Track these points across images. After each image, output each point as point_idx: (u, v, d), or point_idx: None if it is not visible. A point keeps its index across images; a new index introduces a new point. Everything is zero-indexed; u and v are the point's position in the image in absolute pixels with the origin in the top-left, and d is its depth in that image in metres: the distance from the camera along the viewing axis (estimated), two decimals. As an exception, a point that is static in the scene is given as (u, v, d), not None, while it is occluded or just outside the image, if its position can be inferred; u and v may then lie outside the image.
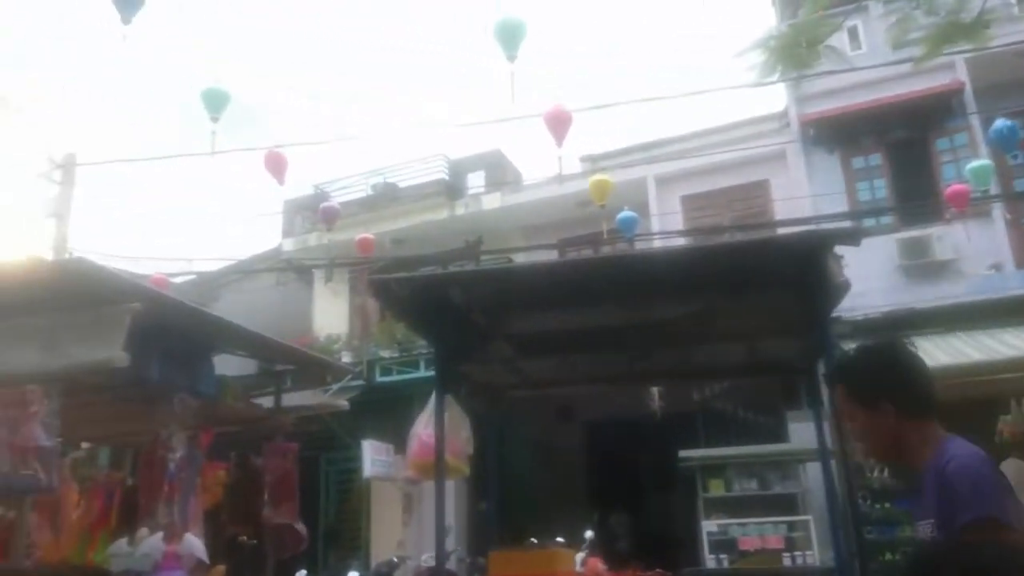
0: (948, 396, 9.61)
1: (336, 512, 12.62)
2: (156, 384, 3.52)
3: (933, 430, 2.14)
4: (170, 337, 3.69)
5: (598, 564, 6.44)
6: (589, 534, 7.70)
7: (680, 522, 11.55)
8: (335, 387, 9.42)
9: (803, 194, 10.39)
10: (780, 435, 9.36)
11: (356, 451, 10.68)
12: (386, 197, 14.32)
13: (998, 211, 10.07)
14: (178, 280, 11.37)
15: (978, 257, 9.75)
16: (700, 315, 3.66)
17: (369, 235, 11.55)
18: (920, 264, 9.99)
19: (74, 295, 3.22)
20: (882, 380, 2.16)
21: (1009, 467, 9.40)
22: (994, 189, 9.77)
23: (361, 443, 10.46)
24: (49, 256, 8.09)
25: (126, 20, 3.62)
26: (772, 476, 8.89)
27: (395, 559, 9.77)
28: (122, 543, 3.57)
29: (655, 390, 8.03)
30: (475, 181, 13.71)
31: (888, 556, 8.21)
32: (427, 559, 7.90)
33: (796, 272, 3.16)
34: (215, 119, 5.18)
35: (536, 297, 3.64)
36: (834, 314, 3.61)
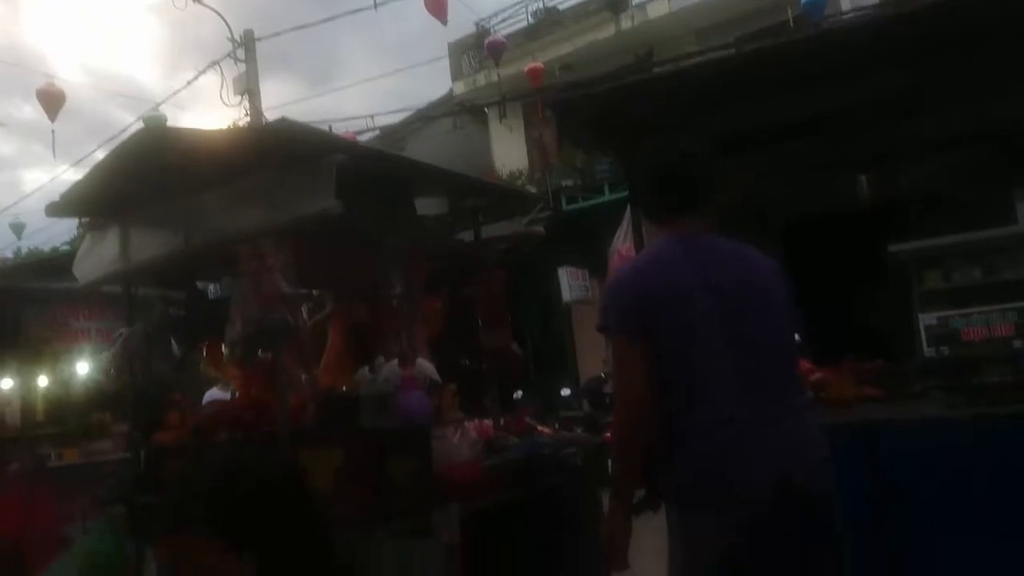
0: None
1: (541, 337, 13.31)
2: (368, 229, 3.78)
3: (666, 230, 2.20)
4: (374, 184, 3.89)
5: (805, 364, 6.36)
6: (795, 336, 7.60)
7: (892, 318, 11.08)
8: (525, 220, 9.67)
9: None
10: (1005, 217, 8.50)
11: (553, 278, 11.03)
12: (548, 23, 13.84)
13: None
14: (364, 137, 11.89)
15: None
16: (916, 85, 3.29)
17: (537, 64, 11.32)
18: None
19: (283, 154, 3.45)
20: (638, 194, 2.40)
21: None
22: None
23: (557, 271, 10.76)
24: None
25: None
26: (998, 262, 8.18)
27: (603, 375, 10.25)
28: (364, 372, 4.00)
29: (862, 177, 7.45)
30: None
31: None
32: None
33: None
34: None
35: (725, 94, 3.43)
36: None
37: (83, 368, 6.14)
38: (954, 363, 4.03)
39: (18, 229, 14.67)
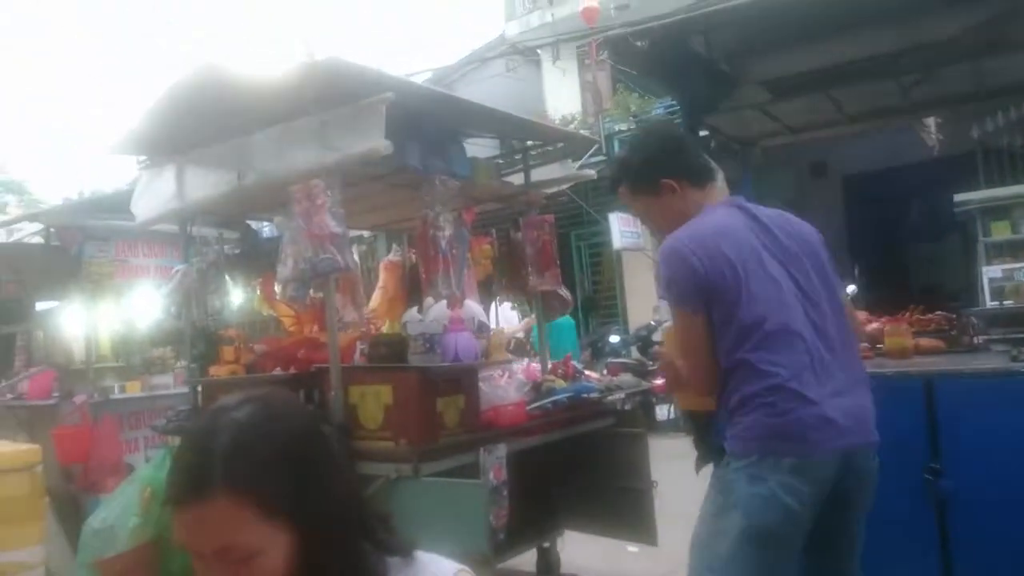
0: None
1: (591, 284, 13.26)
2: (418, 169, 3.75)
3: (705, 196, 2.23)
4: (424, 124, 3.85)
5: (861, 315, 6.24)
6: (852, 288, 7.43)
7: (958, 270, 10.75)
8: (577, 164, 9.54)
9: None
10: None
11: (604, 225, 10.94)
12: (605, -40, 13.41)
13: None
14: (416, 79, 11.80)
15: None
16: (987, 25, 3.11)
17: (593, 3, 11.03)
18: None
19: (333, 93, 3.43)
20: (661, 161, 2.24)
21: None
22: None
23: (608, 217, 10.66)
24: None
25: None
26: (1069, 213, 7.84)
27: (653, 322, 10.19)
28: (413, 312, 4.02)
29: (931, 123, 7.15)
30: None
31: None
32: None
33: None
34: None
35: (788, 31, 3.29)
36: None
37: (144, 304, 6.33)
38: (1018, 315, 3.87)
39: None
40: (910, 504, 2.21)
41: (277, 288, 3.78)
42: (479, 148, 4.79)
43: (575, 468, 4.09)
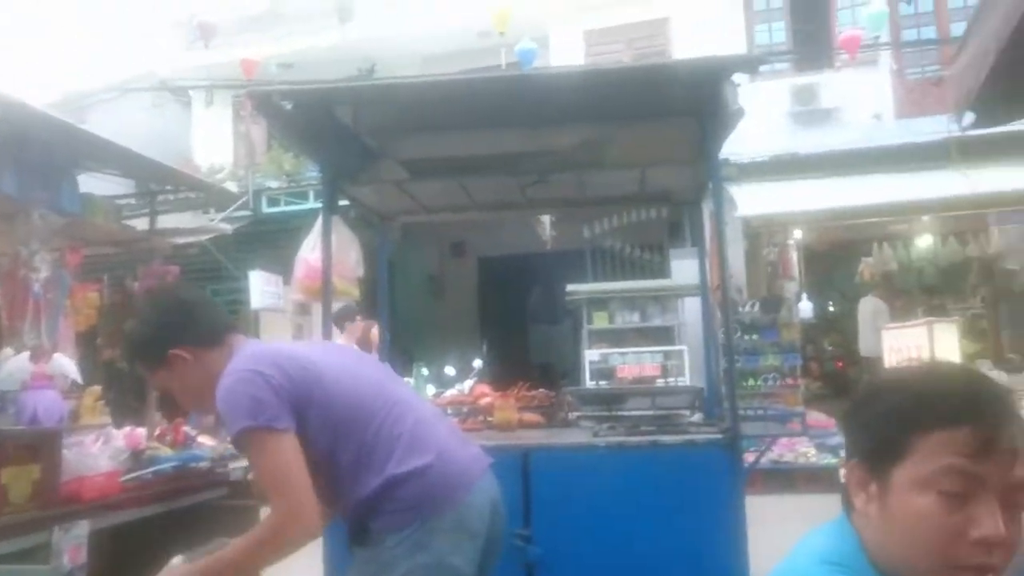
0: (822, 238, 10.27)
1: (225, 343, 12.50)
2: (13, 198, 3.25)
3: (226, 350, 2.04)
4: (29, 149, 3.37)
5: (484, 389, 6.73)
6: (477, 363, 7.99)
7: (567, 353, 12.12)
8: (219, 216, 9.06)
9: (704, 36, 10.29)
10: (663, 271, 9.77)
11: (244, 283, 10.48)
12: (272, 16, 13.28)
13: (885, 60, 10.33)
14: (41, 102, 10.40)
15: (861, 105, 10.08)
16: (594, 142, 3.62)
17: (255, 56, 10.80)
18: (808, 111, 10.25)
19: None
20: (166, 332, 2.03)
21: (867, 304, 10.28)
22: (884, 38, 9.97)
23: (248, 274, 10.26)
24: None
25: None
26: (653, 309, 9.36)
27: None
28: (-14, 364, 3.40)
29: (547, 220, 8.10)
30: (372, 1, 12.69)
31: (751, 382, 8.94)
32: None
33: (692, 98, 3.13)
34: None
35: (429, 117, 3.49)
36: (723, 155, 3.65)
37: None
38: (606, 396, 4.46)
39: None
40: (502, 570, 2.36)
41: None
42: (112, 186, 4.32)
43: (187, 542, 3.71)
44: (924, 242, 10.16)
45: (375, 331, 6.89)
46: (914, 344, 6.68)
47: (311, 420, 1.93)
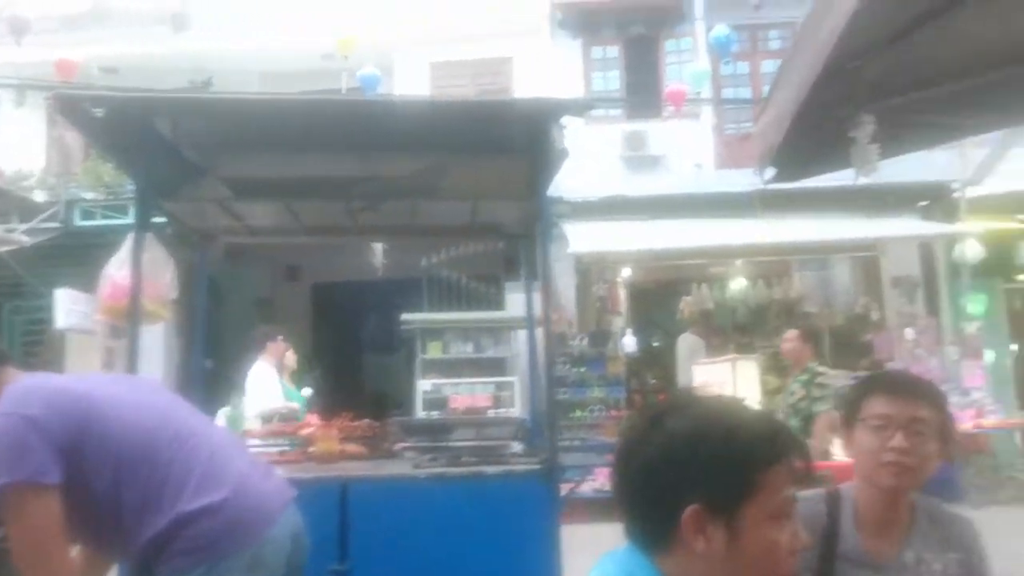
0: (647, 277, 10.79)
1: (24, 366, 11.37)
2: None
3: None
4: None
5: (314, 418, 6.54)
6: (307, 391, 7.75)
7: (400, 382, 11.99)
8: (22, 227, 8.28)
9: (544, 78, 10.67)
10: (498, 303, 9.93)
11: (48, 300, 9.61)
12: (93, 16, 12.41)
13: (707, 114, 11.16)
14: None
15: (685, 155, 10.80)
16: (429, 171, 3.64)
17: (73, 57, 10.06)
18: (638, 156, 10.84)
19: None
20: None
21: (686, 340, 10.91)
22: (706, 94, 10.78)
23: (54, 291, 9.42)
24: None
25: None
26: (486, 340, 9.49)
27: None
28: None
29: (379, 249, 8.05)
30: (210, 11, 12.15)
31: (578, 412, 9.23)
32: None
33: (525, 137, 3.24)
34: None
35: (257, 135, 3.38)
36: (557, 193, 3.78)
37: None
38: (431, 426, 4.45)
39: None
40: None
41: None
42: None
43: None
44: (737, 284, 10.96)
45: (290, 353, 6.74)
46: (719, 379, 7.17)
47: (88, 458, 1.78)
